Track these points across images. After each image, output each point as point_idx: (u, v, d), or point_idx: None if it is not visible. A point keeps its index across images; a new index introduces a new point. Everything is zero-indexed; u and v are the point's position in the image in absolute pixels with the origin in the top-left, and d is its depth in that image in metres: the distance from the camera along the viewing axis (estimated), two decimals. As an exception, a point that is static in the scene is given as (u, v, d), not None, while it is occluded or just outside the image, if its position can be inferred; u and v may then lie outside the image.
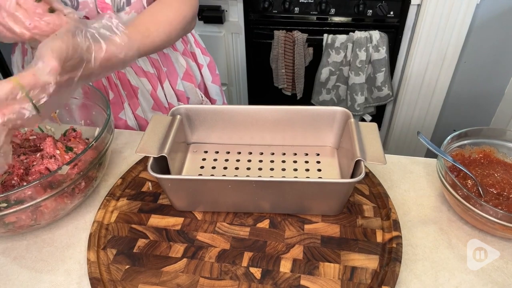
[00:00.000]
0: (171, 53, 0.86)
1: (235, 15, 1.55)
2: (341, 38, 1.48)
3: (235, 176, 0.63)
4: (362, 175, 0.52)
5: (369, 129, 0.60)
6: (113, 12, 0.69)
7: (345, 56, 1.51)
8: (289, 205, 0.58)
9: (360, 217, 0.58)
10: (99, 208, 0.60)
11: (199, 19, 1.53)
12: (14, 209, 0.50)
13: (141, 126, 0.86)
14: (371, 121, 1.62)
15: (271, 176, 0.63)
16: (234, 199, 0.58)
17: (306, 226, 0.57)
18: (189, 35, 0.91)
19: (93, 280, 0.50)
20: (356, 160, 0.55)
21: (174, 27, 0.69)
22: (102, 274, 0.51)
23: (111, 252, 0.54)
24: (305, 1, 1.48)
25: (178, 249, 0.54)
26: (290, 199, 0.57)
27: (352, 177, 0.56)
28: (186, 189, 0.57)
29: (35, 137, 0.66)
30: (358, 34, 1.46)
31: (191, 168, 0.65)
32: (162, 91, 0.86)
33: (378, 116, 1.72)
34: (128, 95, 0.83)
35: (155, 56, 0.83)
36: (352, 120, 0.62)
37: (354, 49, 1.49)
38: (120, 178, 0.65)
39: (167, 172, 0.58)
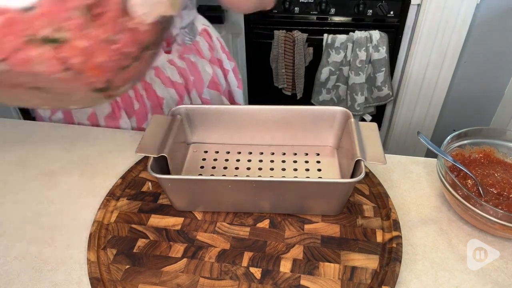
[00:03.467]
0: (198, 61, 0.85)
1: (235, 15, 1.55)
2: (341, 38, 1.48)
3: (235, 176, 0.63)
4: (362, 175, 0.52)
5: (369, 129, 0.60)
6: None
7: (345, 56, 1.51)
8: (289, 205, 0.58)
9: (360, 217, 0.58)
10: (99, 208, 0.60)
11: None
12: None
13: None
14: (371, 121, 1.62)
15: (271, 176, 0.63)
16: (234, 199, 0.58)
17: (306, 226, 0.57)
18: (215, 40, 0.90)
19: (93, 280, 0.50)
20: (356, 160, 0.54)
21: None
22: (102, 274, 0.51)
23: (111, 252, 0.54)
24: (305, 1, 1.48)
25: (178, 249, 0.54)
26: (290, 199, 0.57)
27: (352, 177, 0.56)
28: (186, 189, 0.57)
29: None
30: (358, 34, 1.46)
31: (191, 168, 0.65)
32: (189, 101, 0.85)
33: (378, 116, 1.72)
34: (152, 106, 0.82)
35: (183, 66, 0.82)
36: (352, 120, 0.62)
37: (354, 49, 1.49)
38: (120, 178, 0.65)
39: (167, 172, 0.58)
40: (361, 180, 0.64)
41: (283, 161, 0.66)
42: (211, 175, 0.64)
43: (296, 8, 1.50)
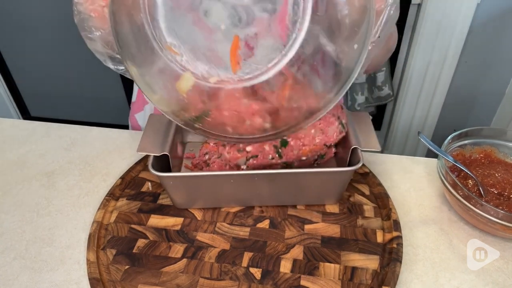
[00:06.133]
0: None
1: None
2: (341, 37, 1.48)
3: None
4: (361, 163, 0.53)
5: (361, 118, 0.61)
6: None
7: (346, 55, 1.51)
8: (288, 196, 0.59)
9: (361, 217, 0.58)
10: (99, 208, 0.59)
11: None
12: None
13: None
14: (371, 121, 1.62)
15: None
16: (235, 192, 0.58)
17: (306, 226, 0.57)
18: None
19: (93, 281, 0.50)
20: (352, 149, 0.55)
21: None
22: (102, 274, 0.51)
23: (110, 252, 0.54)
24: (305, 1, 1.48)
25: (177, 249, 0.54)
26: (290, 190, 0.58)
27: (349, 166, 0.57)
28: (188, 186, 0.57)
29: None
30: (359, 34, 1.46)
31: (189, 167, 0.65)
32: None
33: (378, 116, 1.72)
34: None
35: None
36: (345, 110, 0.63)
37: (354, 49, 1.48)
38: (120, 178, 0.64)
39: (166, 171, 0.58)
40: (361, 180, 0.64)
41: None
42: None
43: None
